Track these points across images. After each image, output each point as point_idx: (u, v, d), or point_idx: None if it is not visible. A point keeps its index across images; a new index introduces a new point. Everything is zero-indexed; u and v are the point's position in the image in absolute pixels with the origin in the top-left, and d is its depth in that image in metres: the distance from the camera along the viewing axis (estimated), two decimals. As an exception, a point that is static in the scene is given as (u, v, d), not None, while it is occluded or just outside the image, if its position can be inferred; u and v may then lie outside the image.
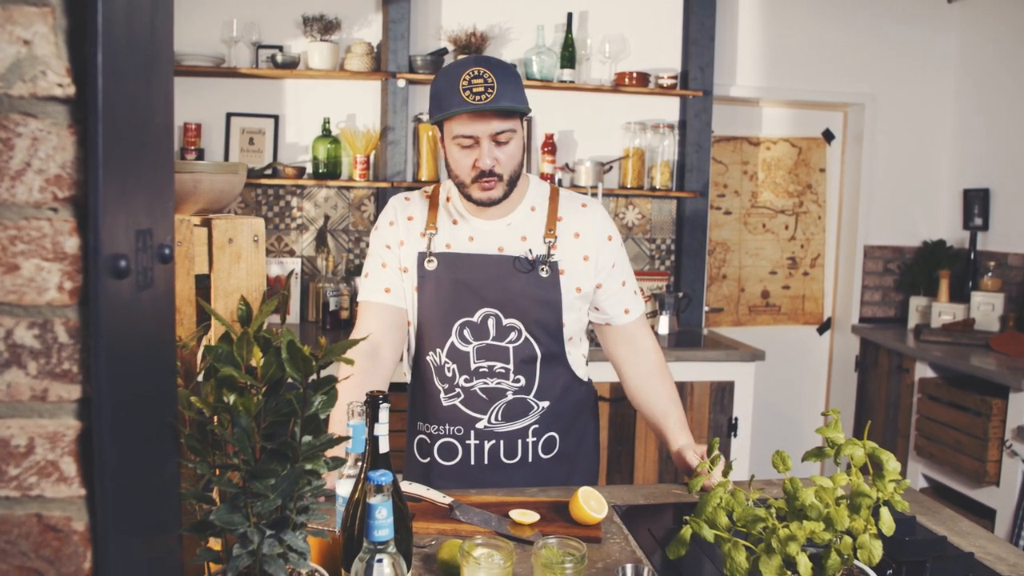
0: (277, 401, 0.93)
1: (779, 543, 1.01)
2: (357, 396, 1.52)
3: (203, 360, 1.02)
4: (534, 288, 1.70)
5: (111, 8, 0.65)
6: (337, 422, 1.58)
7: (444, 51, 3.51)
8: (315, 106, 3.57)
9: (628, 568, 1.13)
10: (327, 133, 3.49)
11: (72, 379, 0.67)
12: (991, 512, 3.21)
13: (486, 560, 1.15)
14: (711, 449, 1.25)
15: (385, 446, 1.07)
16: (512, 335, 1.72)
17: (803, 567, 0.99)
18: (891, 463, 1.08)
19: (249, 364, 0.93)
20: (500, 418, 1.74)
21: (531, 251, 1.72)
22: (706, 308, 3.97)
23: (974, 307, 3.81)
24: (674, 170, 3.81)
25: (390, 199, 1.84)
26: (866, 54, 4.09)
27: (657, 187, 3.75)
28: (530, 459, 1.77)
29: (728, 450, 3.37)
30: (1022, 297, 3.66)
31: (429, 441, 1.79)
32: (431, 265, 1.72)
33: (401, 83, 3.44)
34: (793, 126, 4.25)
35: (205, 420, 0.93)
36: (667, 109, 3.85)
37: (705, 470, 1.20)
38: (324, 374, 0.95)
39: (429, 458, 1.79)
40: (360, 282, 1.83)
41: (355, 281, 3.48)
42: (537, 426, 1.76)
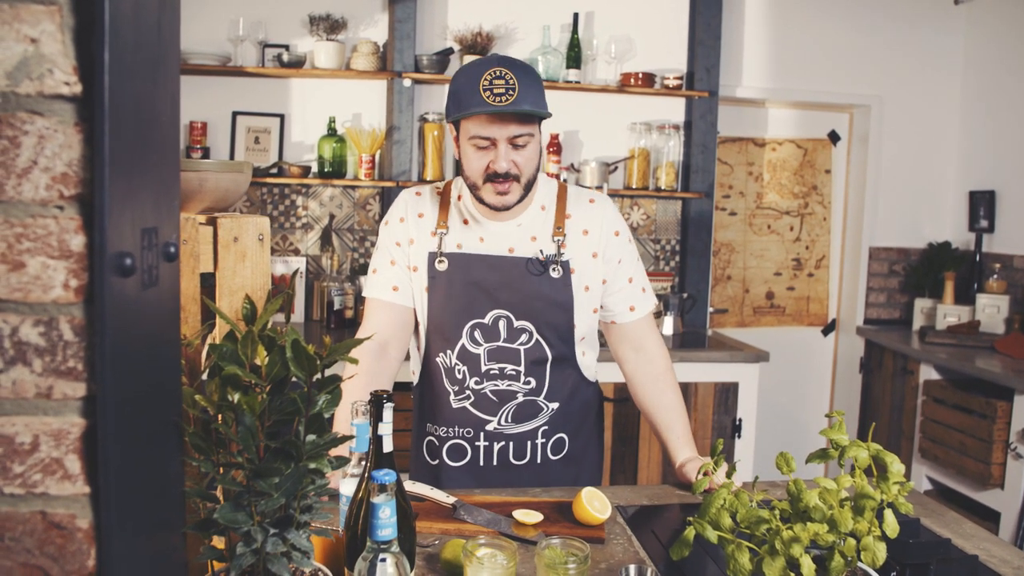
0: (281, 400, 0.93)
1: (783, 545, 1.01)
2: (365, 395, 1.52)
3: (207, 358, 1.02)
4: (546, 290, 1.69)
5: (118, 7, 0.65)
6: (341, 421, 1.58)
7: (450, 51, 3.51)
8: (321, 105, 3.57)
9: (631, 569, 1.13)
10: (333, 132, 3.49)
11: (77, 377, 0.67)
12: (996, 515, 3.20)
13: (489, 560, 1.15)
14: (715, 451, 1.24)
15: (389, 445, 1.07)
16: (523, 337, 1.71)
17: (807, 569, 0.98)
18: (895, 465, 1.07)
19: (253, 363, 0.93)
20: (510, 420, 1.73)
21: (542, 251, 1.70)
22: (711, 309, 3.96)
23: (979, 309, 3.79)
24: (679, 171, 3.80)
25: (401, 193, 1.80)
26: (872, 56, 4.08)
27: (662, 188, 3.75)
28: (539, 460, 1.76)
29: (732, 451, 3.37)
30: (1028, 300, 3.65)
31: (438, 443, 1.78)
32: (442, 266, 1.70)
33: (407, 83, 3.44)
34: (799, 127, 4.24)
35: (209, 418, 0.93)
36: (672, 110, 3.84)
37: (709, 471, 1.20)
38: (328, 373, 0.96)
39: (438, 460, 1.78)
40: (368, 276, 1.80)
41: (360, 280, 3.48)
42: (547, 428, 1.75)
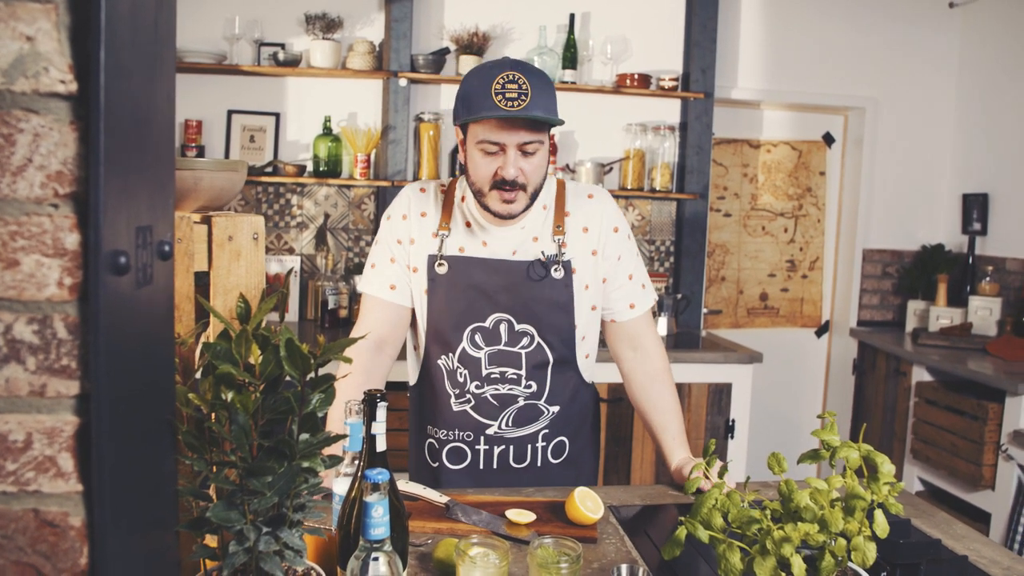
0: (275, 399, 0.93)
1: (774, 544, 1.01)
2: (359, 392, 1.51)
3: (201, 357, 1.03)
4: (548, 293, 1.67)
5: (115, 5, 0.65)
6: (335, 420, 1.57)
7: (446, 51, 3.51)
8: (316, 104, 3.57)
9: (623, 568, 1.13)
10: (328, 131, 3.49)
11: (71, 375, 0.67)
12: (986, 516, 3.21)
13: (482, 559, 1.15)
14: (707, 451, 1.25)
15: (382, 444, 1.07)
16: (524, 340, 1.69)
17: (797, 569, 0.99)
18: (886, 466, 1.08)
19: (247, 362, 0.93)
20: (511, 424, 1.72)
21: (543, 252, 1.68)
22: (705, 310, 3.97)
23: (972, 311, 3.81)
24: (674, 172, 3.81)
25: (405, 188, 1.76)
26: (867, 58, 4.09)
27: (657, 189, 3.76)
28: (539, 464, 1.75)
29: (725, 452, 3.37)
30: (1019, 302, 3.66)
31: (438, 445, 1.76)
32: (442, 269, 1.68)
33: (403, 82, 3.44)
34: (793, 129, 4.26)
35: (203, 417, 0.94)
36: (668, 111, 3.85)
37: (701, 471, 1.20)
38: (322, 372, 0.96)
39: (438, 462, 1.77)
40: (366, 270, 1.77)
41: (354, 280, 3.48)
42: (547, 431, 1.75)
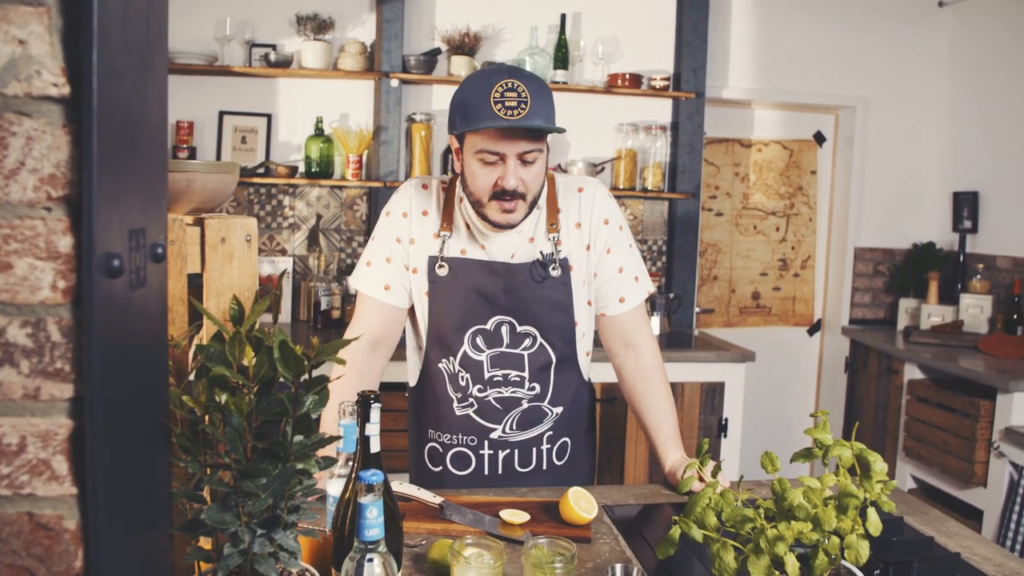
0: (269, 400, 0.93)
1: (767, 543, 1.02)
2: (353, 393, 1.50)
3: (195, 359, 1.02)
4: (549, 293, 1.66)
5: (107, 8, 0.65)
6: (329, 421, 1.57)
7: (438, 51, 3.51)
8: (308, 105, 3.56)
9: (618, 568, 1.13)
10: (320, 132, 3.49)
11: (64, 378, 0.67)
12: (979, 513, 3.23)
13: (476, 560, 1.15)
14: (700, 451, 1.25)
15: (376, 446, 1.07)
16: (527, 341, 1.68)
17: (791, 567, 1.00)
18: (878, 464, 1.09)
19: (241, 363, 0.93)
20: (515, 427, 1.70)
21: (541, 252, 1.67)
22: (697, 309, 3.98)
23: (963, 309, 3.83)
24: (666, 171, 3.82)
25: (406, 183, 1.73)
26: (858, 57, 4.11)
27: (649, 188, 3.77)
28: (544, 467, 1.74)
29: (718, 451, 3.38)
30: (1010, 299, 3.69)
31: (441, 450, 1.74)
32: (442, 271, 1.66)
33: (394, 83, 3.44)
34: (785, 128, 4.27)
35: (197, 419, 0.93)
36: (659, 111, 3.86)
37: (695, 471, 1.21)
38: (316, 374, 0.96)
39: (441, 467, 1.75)
40: (360, 266, 1.72)
41: (347, 280, 3.47)
42: (551, 433, 1.73)
